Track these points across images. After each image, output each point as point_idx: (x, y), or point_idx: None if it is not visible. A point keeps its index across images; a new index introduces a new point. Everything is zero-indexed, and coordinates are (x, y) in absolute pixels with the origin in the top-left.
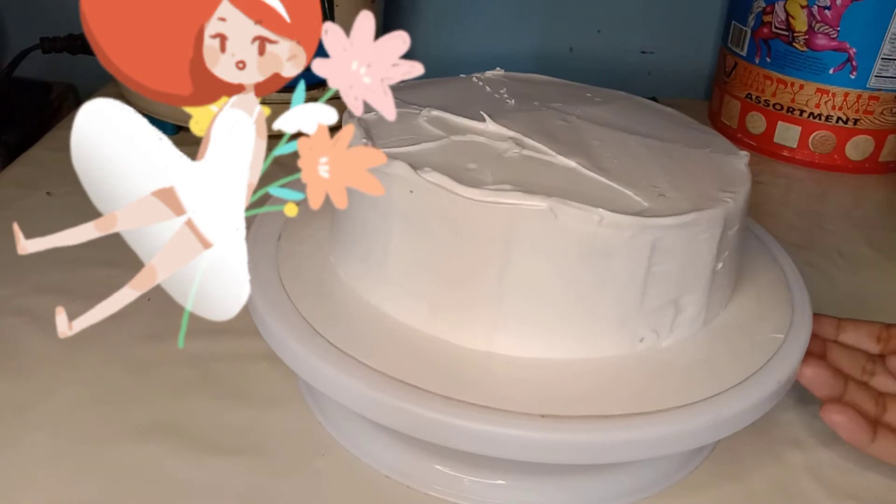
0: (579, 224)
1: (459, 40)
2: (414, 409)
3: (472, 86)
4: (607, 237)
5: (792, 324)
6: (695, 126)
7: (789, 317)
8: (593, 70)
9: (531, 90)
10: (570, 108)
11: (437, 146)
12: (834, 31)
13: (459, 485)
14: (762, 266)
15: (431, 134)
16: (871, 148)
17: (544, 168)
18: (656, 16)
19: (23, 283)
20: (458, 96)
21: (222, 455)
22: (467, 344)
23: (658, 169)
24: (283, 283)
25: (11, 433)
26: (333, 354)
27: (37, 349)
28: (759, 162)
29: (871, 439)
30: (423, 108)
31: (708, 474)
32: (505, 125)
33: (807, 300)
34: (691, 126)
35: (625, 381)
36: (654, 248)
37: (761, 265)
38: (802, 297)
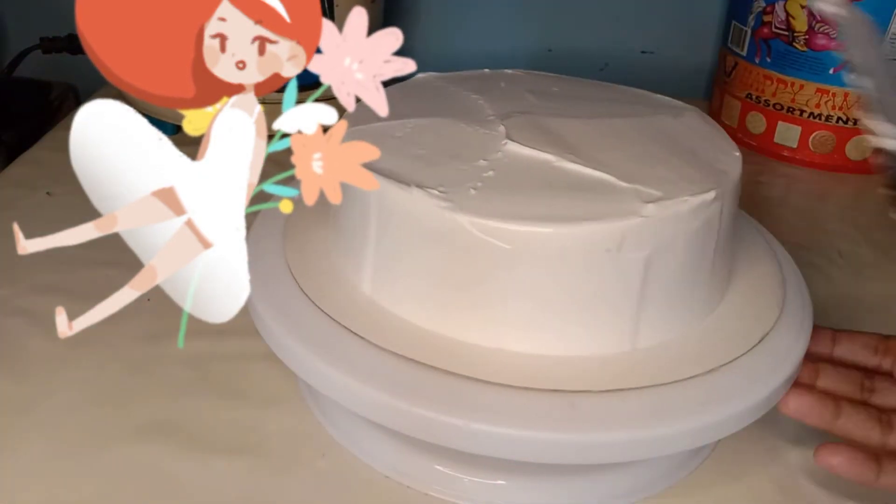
0: (579, 243)
1: (460, 40)
2: (414, 409)
3: (448, 92)
4: (604, 255)
5: (792, 324)
6: (659, 100)
7: (790, 316)
8: (594, 70)
9: (510, 88)
10: (547, 103)
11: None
12: (834, 31)
13: (459, 485)
14: (762, 265)
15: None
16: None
17: (538, 170)
18: (656, 16)
19: (23, 283)
20: (435, 105)
21: (222, 455)
22: (471, 342)
23: (647, 155)
24: (283, 283)
25: (11, 433)
26: (333, 355)
27: (37, 349)
28: (759, 162)
29: (877, 473)
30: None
31: (708, 474)
32: (488, 126)
33: (807, 300)
34: (658, 101)
35: (624, 381)
36: (655, 245)
37: (762, 264)
38: (803, 296)
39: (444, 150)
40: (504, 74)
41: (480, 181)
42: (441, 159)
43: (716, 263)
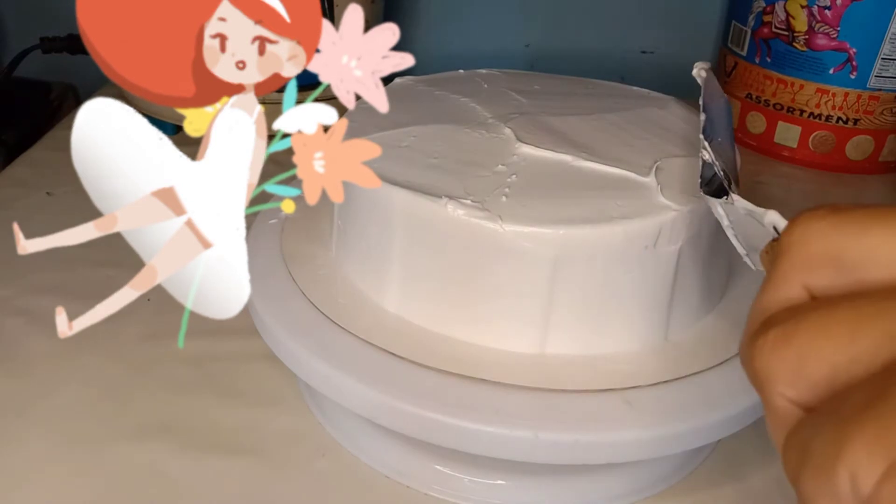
0: (622, 242)
1: (459, 40)
2: (415, 410)
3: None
4: (643, 251)
5: None
6: (641, 93)
7: None
8: (594, 70)
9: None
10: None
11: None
12: (834, 31)
13: (459, 485)
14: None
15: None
16: (871, 148)
17: (559, 171)
18: (656, 16)
19: (23, 283)
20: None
21: (222, 455)
22: (474, 342)
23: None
24: (283, 283)
25: (11, 433)
26: (333, 355)
27: (37, 349)
28: (759, 162)
29: None
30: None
31: (708, 474)
32: (499, 128)
33: None
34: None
35: (619, 379)
36: (685, 237)
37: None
38: None
39: (456, 158)
40: (481, 74)
41: (507, 187)
42: (457, 167)
43: (723, 256)
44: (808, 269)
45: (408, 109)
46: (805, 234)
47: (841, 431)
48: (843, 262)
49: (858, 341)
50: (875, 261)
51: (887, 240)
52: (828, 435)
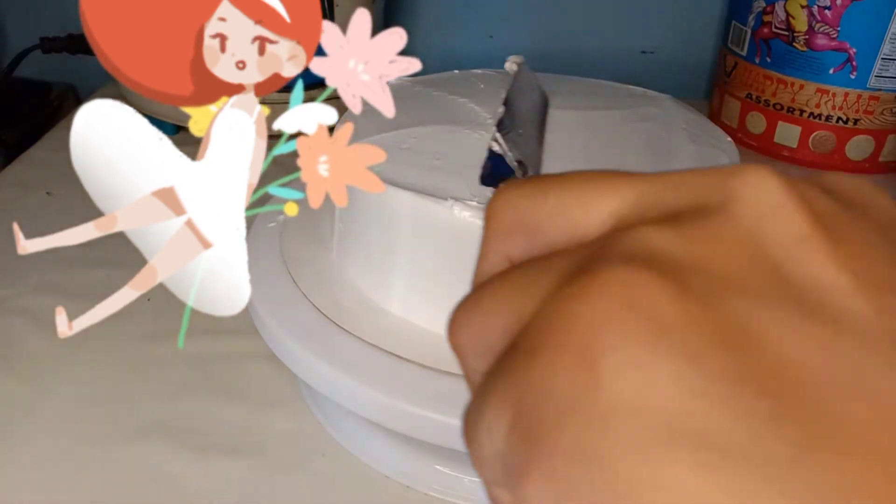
0: None
1: (459, 40)
2: (419, 412)
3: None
4: None
5: None
6: (632, 91)
7: None
8: (593, 70)
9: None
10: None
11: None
12: (834, 31)
13: (459, 485)
14: None
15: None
16: (871, 148)
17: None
18: (656, 16)
19: (23, 283)
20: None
21: (222, 455)
22: None
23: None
24: (284, 284)
25: (11, 433)
26: (333, 355)
27: (37, 349)
28: (758, 162)
29: None
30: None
31: None
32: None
33: None
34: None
35: None
36: None
37: None
38: None
39: (458, 159)
40: (475, 74)
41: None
42: (460, 168)
43: None
44: (504, 238)
45: (405, 110)
46: (498, 204)
47: (480, 394)
48: (528, 228)
49: (523, 304)
50: (552, 224)
51: (562, 202)
52: (473, 401)
